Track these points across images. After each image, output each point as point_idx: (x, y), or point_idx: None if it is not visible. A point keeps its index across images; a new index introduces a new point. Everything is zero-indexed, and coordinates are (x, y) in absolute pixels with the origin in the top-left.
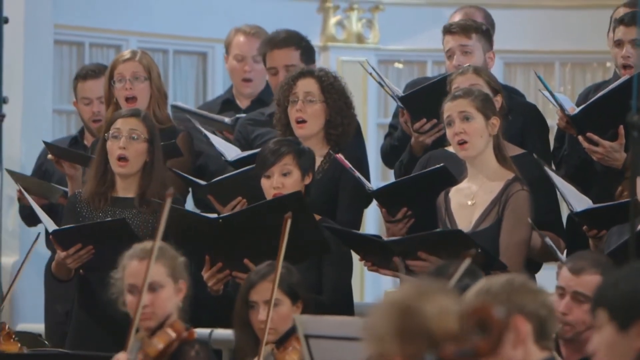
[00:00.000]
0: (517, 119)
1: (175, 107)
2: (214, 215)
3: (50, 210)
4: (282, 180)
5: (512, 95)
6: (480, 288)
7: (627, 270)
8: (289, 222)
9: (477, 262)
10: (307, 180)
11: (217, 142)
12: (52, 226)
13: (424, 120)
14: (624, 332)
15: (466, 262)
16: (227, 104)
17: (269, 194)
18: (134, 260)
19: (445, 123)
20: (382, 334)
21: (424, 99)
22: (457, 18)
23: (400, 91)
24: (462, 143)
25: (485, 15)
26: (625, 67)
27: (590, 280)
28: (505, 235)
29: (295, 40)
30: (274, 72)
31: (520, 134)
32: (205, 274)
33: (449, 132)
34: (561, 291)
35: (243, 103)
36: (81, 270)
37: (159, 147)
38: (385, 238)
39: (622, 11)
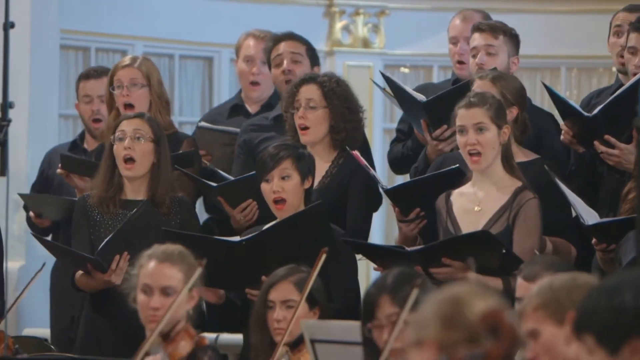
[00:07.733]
0: (534, 125)
1: (200, 128)
2: (237, 239)
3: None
4: (281, 184)
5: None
6: (543, 284)
7: (603, 289)
8: (323, 256)
9: (496, 264)
10: (307, 184)
11: None
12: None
13: (445, 127)
14: (615, 356)
15: (415, 293)
16: (235, 109)
17: (269, 198)
18: (153, 261)
19: (457, 130)
20: (426, 319)
21: (445, 105)
22: (457, 21)
23: (423, 97)
24: (474, 154)
25: (485, 18)
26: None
27: None
28: (517, 244)
29: (300, 37)
30: (278, 61)
31: (536, 137)
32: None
33: (460, 140)
34: (520, 302)
35: (252, 108)
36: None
37: (166, 148)
38: (408, 248)
39: (620, 16)
